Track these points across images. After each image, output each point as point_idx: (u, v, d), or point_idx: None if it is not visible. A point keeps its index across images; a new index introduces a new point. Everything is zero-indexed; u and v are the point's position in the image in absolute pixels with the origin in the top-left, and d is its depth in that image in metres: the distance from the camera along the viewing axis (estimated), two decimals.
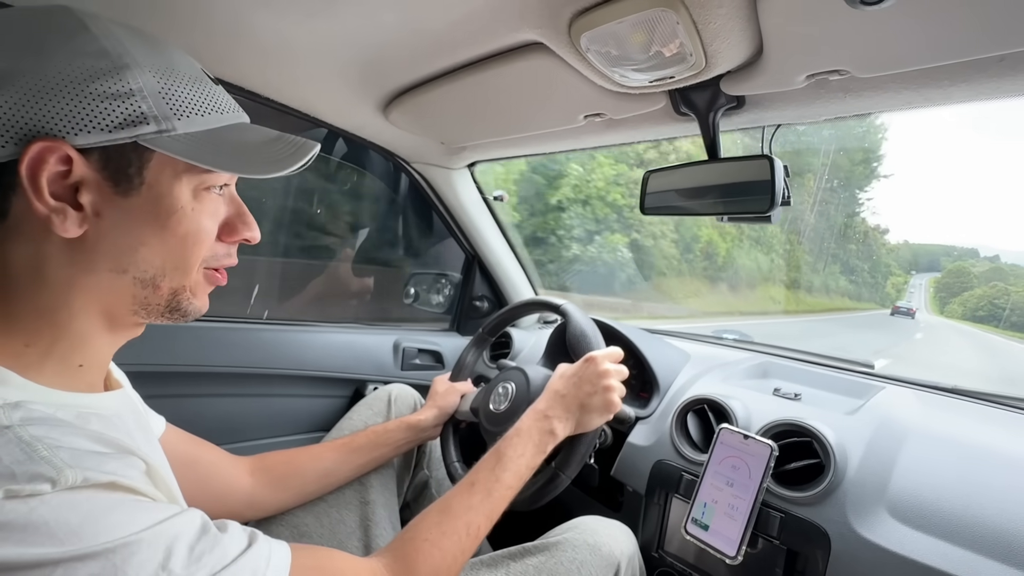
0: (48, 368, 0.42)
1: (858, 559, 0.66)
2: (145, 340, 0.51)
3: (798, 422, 0.78)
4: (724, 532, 0.73)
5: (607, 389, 0.75)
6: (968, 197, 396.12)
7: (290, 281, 1.43)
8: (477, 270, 1.49)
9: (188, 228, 0.45)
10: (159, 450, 0.54)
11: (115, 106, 0.39)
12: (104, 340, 0.46)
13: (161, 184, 0.43)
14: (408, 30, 0.68)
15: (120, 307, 0.45)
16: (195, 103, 0.43)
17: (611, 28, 0.57)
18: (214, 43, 0.74)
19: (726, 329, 1.45)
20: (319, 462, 0.84)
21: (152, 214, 0.43)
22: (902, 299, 58.35)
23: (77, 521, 0.34)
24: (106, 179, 0.41)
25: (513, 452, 0.68)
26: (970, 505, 0.64)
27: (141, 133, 0.40)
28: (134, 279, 0.44)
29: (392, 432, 0.91)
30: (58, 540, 0.32)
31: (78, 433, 0.39)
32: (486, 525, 0.62)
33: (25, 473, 0.33)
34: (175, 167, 0.43)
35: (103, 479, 0.36)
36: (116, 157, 0.40)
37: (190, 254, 0.46)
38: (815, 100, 0.70)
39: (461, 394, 1.00)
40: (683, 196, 0.84)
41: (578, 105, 0.81)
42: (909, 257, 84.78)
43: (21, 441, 0.34)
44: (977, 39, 0.50)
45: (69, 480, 0.34)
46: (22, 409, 0.37)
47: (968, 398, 0.90)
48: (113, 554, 0.34)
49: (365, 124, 1.05)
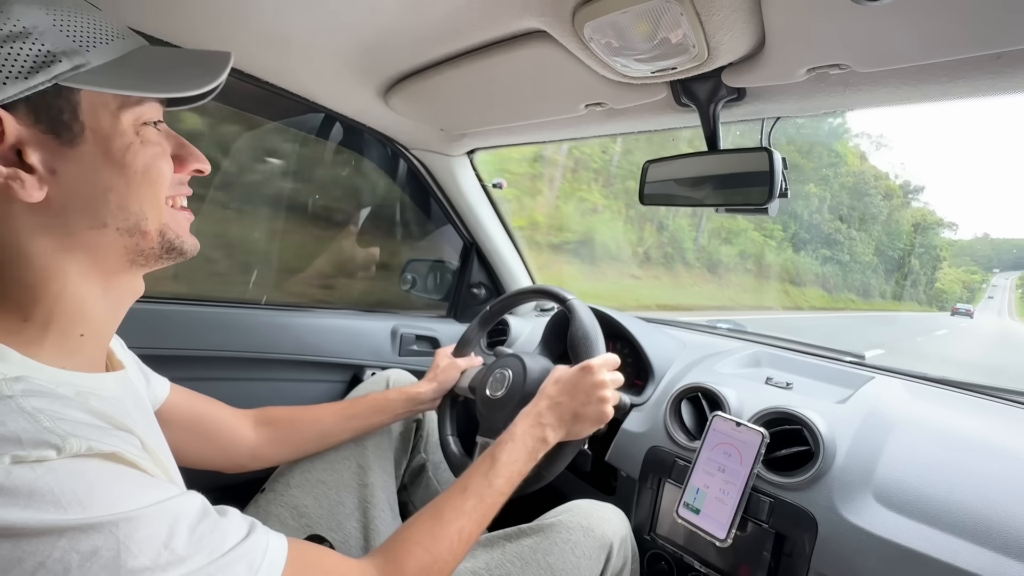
0: (48, 342, 0.42)
1: (844, 542, 0.68)
2: (142, 323, 0.51)
3: (789, 410, 0.80)
4: (715, 516, 0.75)
5: (601, 400, 0.75)
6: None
7: (288, 265, 1.44)
8: (475, 257, 1.49)
9: (146, 161, 0.44)
10: (158, 432, 0.55)
11: (16, 49, 0.37)
12: (103, 304, 0.46)
13: (102, 125, 0.41)
14: (410, 16, 0.68)
15: (114, 262, 0.45)
16: (95, 32, 0.41)
17: (615, 18, 0.57)
18: (214, 27, 0.74)
19: (721, 319, 1.47)
20: (319, 423, 0.87)
21: (106, 157, 0.42)
22: (978, 299, 53.71)
23: (82, 489, 0.34)
24: (44, 132, 0.39)
25: (507, 458, 0.68)
26: (953, 491, 0.66)
27: (57, 72, 0.38)
28: (118, 230, 0.43)
29: (392, 401, 0.93)
30: (62, 507, 0.33)
31: (78, 407, 0.39)
32: (477, 531, 0.62)
33: (31, 439, 0.33)
34: (107, 104, 0.42)
35: (106, 449, 0.37)
36: (44, 107, 0.39)
37: (157, 188, 0.45)
38: (815, 94, 0.70)
39: (462, 370, 1.01)
40: (682, 186, 0.85)
41: (579, 94, 0.81)
42: (989, 253, 77.38)
43: (24, 411, 0.35)
44: (975, 37, 0.51)
45: (74, 448, 0.34)
46: (23, 382, 0.37)
47: (955, 388, 0.92)
48: (116, 527, 0.34)
49: (365, 109, 1.05)
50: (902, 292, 37.42)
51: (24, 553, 0.31)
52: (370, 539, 0.86)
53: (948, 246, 57.93)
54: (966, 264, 58.05)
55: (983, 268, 64.02)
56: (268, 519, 0.83)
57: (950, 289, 54.05)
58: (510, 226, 1.47)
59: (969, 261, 60.99)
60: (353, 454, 0.91)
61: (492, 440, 0.86)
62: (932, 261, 52.25)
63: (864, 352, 1.08)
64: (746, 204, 0.77)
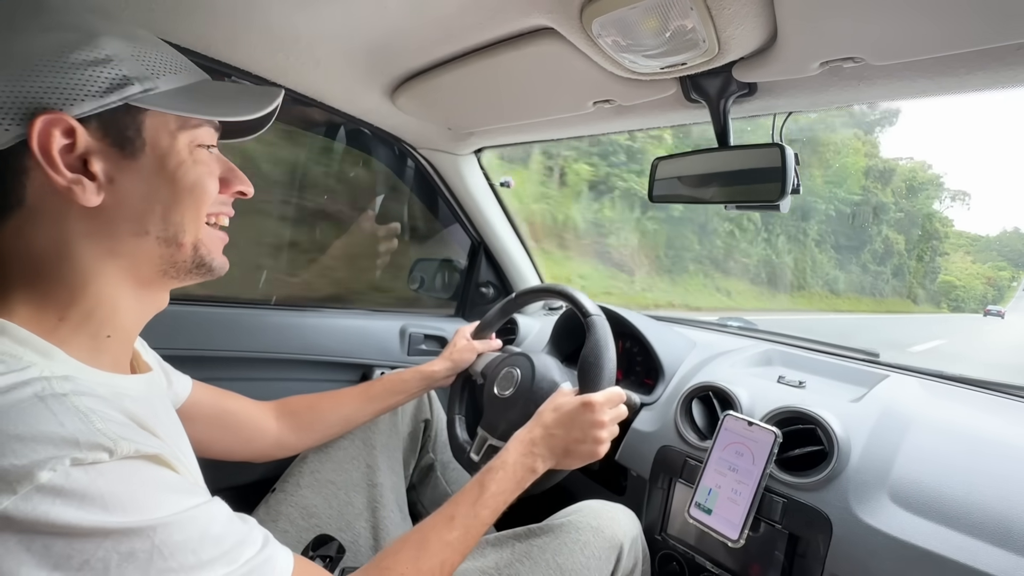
0: (77, 342, 0.44)
1: (859, 543, 0.67)
2: (153, 325, 0.52)
3: (802, 409, 0.79)
4: (727, 516, 0.74)
5: (596, 441, 0.73)
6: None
7: (297, 266, 1.44)
8: (483, 256, 1.49)
9: (194, 179, 0.48)
10: (181, 433, 0.56)
11: (97, 73, 0.41)
12: (133, 310, 0.48)
13: (161, 142, 0.46)
14: (417, 15, 0.68)
15: (149, 270, 0.48)
16: (165, 62, 0.46)
17: (623, 14, 0.56)
18: (222, 28, 0.74)
19: (731, 317, 1.45)
20: (341, 408, 0.89)
21: (160, 171, 0.46)
22: (1007, 298, 46.64)
23: (127, 495, 0.36)
24: (110, 145, 0.43)
25: (496, 488, 0.67)
26: (971, 492, 0.65)
27: (129, 94, 0.43)
28: (157, 239, 0.46)
29: (408, 381, 0.95)
30: (109, 511, 0.35)
31: (116, 409, 0.41)
32: (459, 561, 0.62)
33: (88, 442, 0.35)
34: (168, 125, 0.46)
35: (151, 451, 0.39)
36: (113, 123, 0.43)
37: (200, 204, 0.49)
38: (828, 87, 0.69)
39: (478, 352, 1.02)
40: (693, 184, 0.84)
41: (587, 91, 0.81)
42: (1021, 248, 67.42)
43: (78, 411, 0.37)
44: (994, 27, 0.50)
45: (124, 450, 0.36)
46: (71, 382, 0.39)
47: (971, 386, 0.91)
48: (154, 532, 0.36)
49: (372, 109, 1.05)
50: (884, 288, 29.45)
51: (74, 551, 0.34)
52: (379, 539, 0.87)
53: (949, 224, 48.68)
54: (993, 260, 52.60)
55: (1013, 265, 56.23)
56: (279, 519, 0.84)
57: (969, 285, 45.73)
58: (518, 225, 1.46)
59: (996, 256, 55.58)
60: (362, 454, 0.92)
61: (492, 436, 0.86)
62: (928, 241, 39.98)
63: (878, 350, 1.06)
64: (758, 201, 0.76)
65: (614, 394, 0.77)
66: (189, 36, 0.76)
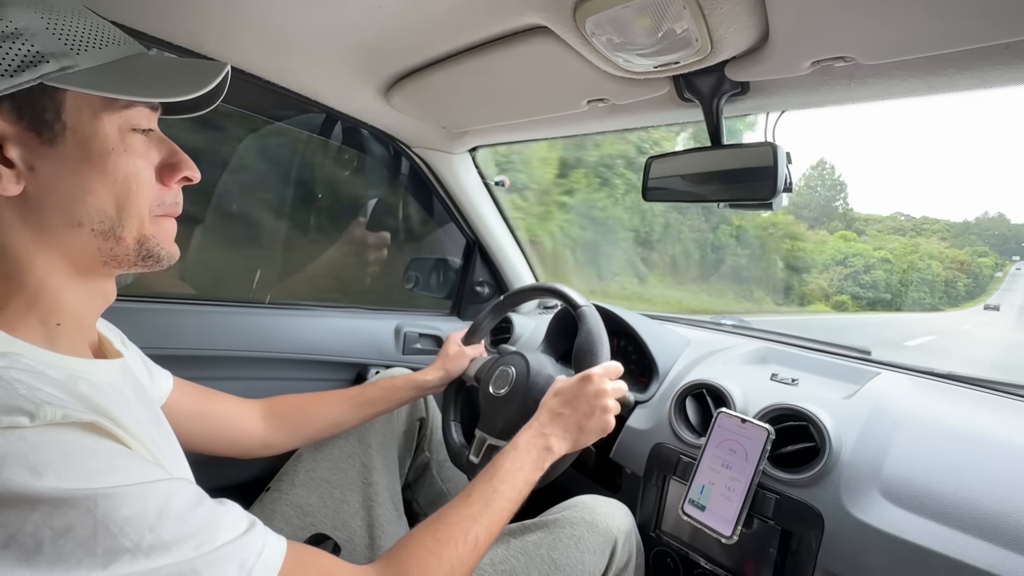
0: (26, 328, 0.42)
1: (850, 538, 0.68)
2: (148, 324, 0.51)
3: (795, 406, 0.79)
4: (720, 513, 0.75)
5: (604, 410, 0.73)
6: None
7: (291, 265, 1.44)
8: (478, 255, 1.49)
9: (127, 170, 0.44)
10: (162, 425, 0.54)
11: (5, 48, 0.37)
12: (79, 297, 0.46)
13: (83, 126, 0.42)
14: (411, 13, 0.68)
15: (87, 261, 0.45)
16: (88, 36, 0.42)
17: (617, 12, 0.56)
18: (215, 26, 0.74)
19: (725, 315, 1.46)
20: (329, 411, 0.88)
21: (85, 159, 0.42)
22: (991, 290, 42.14)
23: (56, 457, 0.33)
24: (26, 129, 0.40)
25: (511, 465, 0.66)
26: (961, 487, 0.65)
27: (44, 72, 0.39)
28: (92, 232, 0.43)
29: (400, 389, 0.94)
30: (37, 473, 0.32)
31: (60, 388, 0.38)
32: (485, 536, 0.58)
33: (3, 406, 0.33)
34: (92, 106, 0.42)
35: (84, 418, 0.36)
36: (28, 105, 0.39)
37: (137, 198, 0.45)
38: (820, 87, 0.70)
39: (470, 358, 1.02)
40: (686, 182, 0.84)
41: (582, 90, 0.81)
42: (1006, 233, 61.99)
43: (2, 380, 0.35)
44: (983, 27, 0.50)
45: (48, 415, 0.34)
46: (8, 358, 0.37)
47: (962, 383, 0.91)
48: (94, 504, 0.33)
49: (366, 108, 1.05)
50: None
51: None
52: (375, 538, 0.86)
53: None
54: (971, 243, 47.45)
55: (998, 253, 51.11)
56: (273, 518, 0.83)
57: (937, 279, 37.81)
58: (512, 224, 1.46)
59: (976, 240, 50.81)
60: (357, 453, 0.92)
61: (490, 436, 0.86)
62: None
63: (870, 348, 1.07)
64: (751, 199, 0.76)
65: (611, 366, 0.77)
66: (180, 34, 0.75)
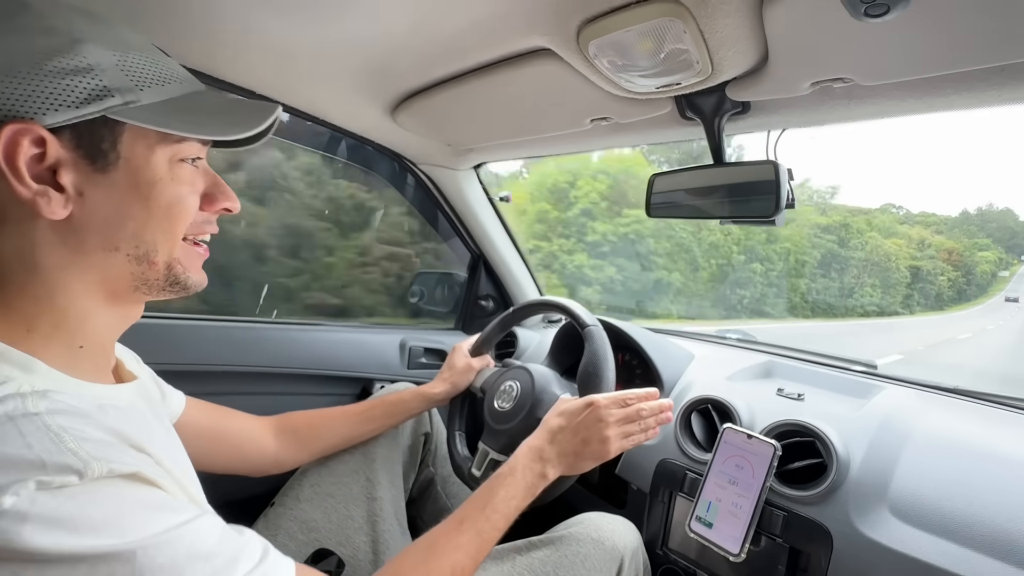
0: (51, 352, 0.43)
1: (860, 557, 0.67)
2: (154, 339, 0.52)
3: (801, 422, 0.79)
4: (728, 530, 0.74)
5: (603, 440, 0.72)
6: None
7: (299, 281, 1.45)
8: (483, 270, 1.50)
9: (171, 198, 0.45)
10: (176, 444, 0.55)
11: (76, 82, 0.39)
12: (105, 320, 0.47)
13: (137, 157, 0.43)
14: (417, 36, 0.69)
15: (119, 285, 0.46)
16: (153, 73, 0.44)
17: (619, 36, 0.58)
18: (225, 47, 0.75)
19: (730, 329, 1.46)
20: (340, 426, 0.90)
21: (133, 188, 0.43)
22: (993, 290, 40.06)
23: (100, 517, 0.35)
24: (82, 157, 0.41)
25: (505, 493, 0.66)
26: (971, 504, 0.65)
27: (108, 106, 0.41)
28: (127, 256, 0.44)
29: (408, 402, 0.95)
30: (81, 535, 0.33)
31: (98, 425, 0.39)
32: (471, 566, 0.59)
33: (55, 464, 0.34)
34: (147, 139, 0.43)
35: (126, 470, 0.37)
36: (88, 134, 0.41)
37: (175, 224, 0.46)
38: (820, 106, 0.71)
39: (476, 370, 1.02)
40: (689, 198, 0.85)
41: (585, 109, 0.82)
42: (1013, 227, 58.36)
43: (49, 430, 0.35)
44: (978, 50, 0.51)
45: (95, 472, 0.35)
46: (48, 399, 0.38)
47: (970, 398, 0.91)
48: (134, 555, 0.35)
49: (373, 127, 1.07)
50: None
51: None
52: (379, 553, 0.86)
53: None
54: (972, 235, 42.68)
55: (1003, 247, 45.85)
56: (278, 533, 0.83)
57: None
58: (517, 238, 1.48)
59: (977, 231, 45.59)
60: (362, 468, 0.92)
61: (493, 450, 0.86)
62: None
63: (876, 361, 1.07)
64: (753, 216, 0.77)
65: (617, 396, 0.77)
66: (191, 54, 0.77)
